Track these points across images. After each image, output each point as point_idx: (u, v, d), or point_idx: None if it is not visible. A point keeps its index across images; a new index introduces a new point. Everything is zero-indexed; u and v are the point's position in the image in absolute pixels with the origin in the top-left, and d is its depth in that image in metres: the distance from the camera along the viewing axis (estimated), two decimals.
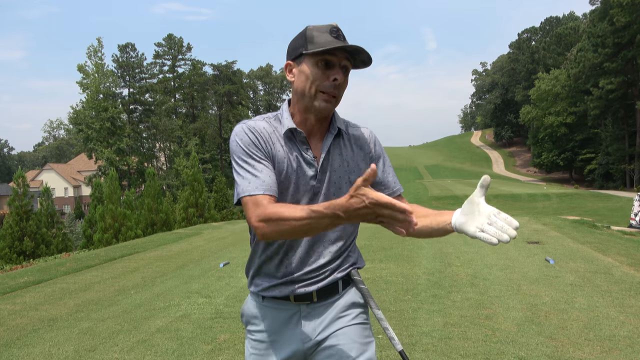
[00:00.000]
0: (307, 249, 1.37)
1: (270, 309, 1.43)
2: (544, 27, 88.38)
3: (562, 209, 26.62)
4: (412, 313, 4.09)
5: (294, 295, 1.37)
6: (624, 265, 5.75)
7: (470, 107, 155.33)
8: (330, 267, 1.39)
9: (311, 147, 1.37)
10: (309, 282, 1.37)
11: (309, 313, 1.40)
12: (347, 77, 1.34)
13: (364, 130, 1.47)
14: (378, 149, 1.47)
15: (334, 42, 1.27)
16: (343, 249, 1.42)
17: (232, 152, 1.34)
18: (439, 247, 7.37)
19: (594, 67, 49.83)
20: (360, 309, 1.45)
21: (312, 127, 1.38)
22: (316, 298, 1.39)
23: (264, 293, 1.41)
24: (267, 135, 1.34)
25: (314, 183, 1.35)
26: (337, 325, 1.40)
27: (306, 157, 1.35)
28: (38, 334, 4.05)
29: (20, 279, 6.52)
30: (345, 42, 1.29)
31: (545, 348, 3.22)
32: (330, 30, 1.29)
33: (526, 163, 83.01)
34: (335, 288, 1.42)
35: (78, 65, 43.76)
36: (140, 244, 9.72)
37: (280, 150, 1.34)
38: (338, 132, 1.40)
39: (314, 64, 1.30)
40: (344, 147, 1.41)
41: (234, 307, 4.53)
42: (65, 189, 65.82)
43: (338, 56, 1.29)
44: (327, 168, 1.37)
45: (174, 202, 28.49)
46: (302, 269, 1.37)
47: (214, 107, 66.42)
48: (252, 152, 1.30)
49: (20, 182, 15.16)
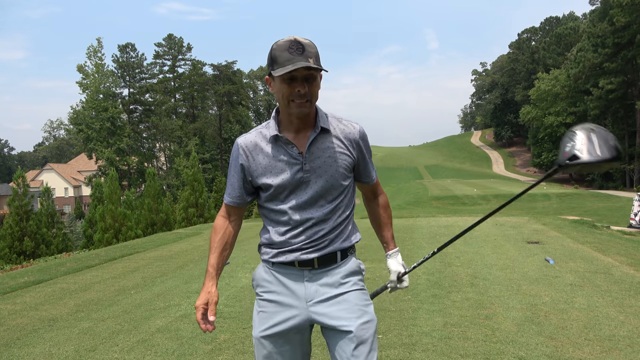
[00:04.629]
0: (309, 224, 1.65)
1: (278, 273, 1.70)
2: (544, 27, 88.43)
3: (562, 209, 26.62)
4: (412, 313, 4.09)
5: (298, 261, 1.65)
6: (623, 265, 5.75)
7: (470, 107, 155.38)
8: (328, 237, 1.66)
9: (297, 144, 1.64)
10: (311, 250, 1.65)
11: (311, 277, 1.67)
12: (314, 82, 1.56)
13: (354, 126, 1.72)
14: (363, 145, 1.73)
15: (292, 59, 1.49)
16: (340, 224, 1.70)
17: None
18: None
19: (594, 67, 49.85)
20: (359, 276, 1.74)
21: (297, 126, 1.64)
22: (317, 264, 1.66)
23: (273, 259, 1.69)
24: (252, 146, 1.67)
25: (301, 174, 1.63)
26: (339, 290, 1.67)
27: (292, 154, 1.63)
28: (38, 334, 4.05)
29: (20, 279, 6.52)
30: (303, 56, 1.50)
31: (545, 348, 3.23)
32: (289, 47, 1.51)
33: (526, 163, 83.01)
34: (334, 257, 1.68)
35: (78, 65, 43.77)
36: (140, 244, 9.72)
37: (266, 155, 1.66)
38: (322, 129, 1.65)
39: (281, 81, 1.54)
40: (329, 141, 1.66)
41: (234, 307, 4.53)
42: (66, 189, 65.84)
43: (299, 71, 1.50)
44: (312, 160, 1.63)
45: (174, 202, 28.52)
46: (304, 240, 1.65)
47: (214, 107, 66.43)
48: (232, 165, 1.73)
49: (20, 182, 15.18)
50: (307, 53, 1.51)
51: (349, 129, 1.70)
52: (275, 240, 1.68)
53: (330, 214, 1.67)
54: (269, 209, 1.70)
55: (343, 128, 1.70)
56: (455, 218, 12.32)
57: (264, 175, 1.65)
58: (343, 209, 1.71)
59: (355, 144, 1.70)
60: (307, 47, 1.52)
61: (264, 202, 1.72)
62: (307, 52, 1.51)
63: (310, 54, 1.51)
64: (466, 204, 33.10)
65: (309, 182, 1.64)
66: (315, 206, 1.65)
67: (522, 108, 69.20)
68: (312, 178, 1.64)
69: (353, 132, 1.70)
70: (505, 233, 8.75)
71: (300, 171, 1.63)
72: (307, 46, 1.52)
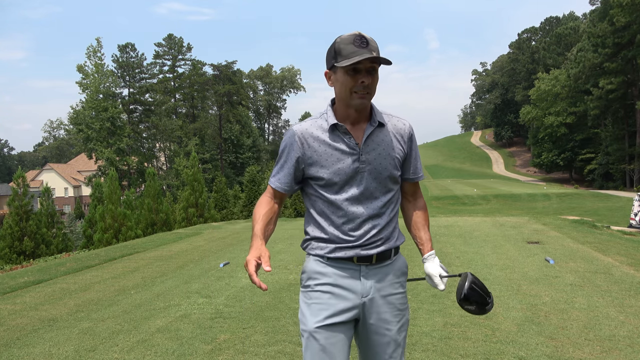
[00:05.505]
0: (365, 217, 1.67)
1: (334, 267, 1.69)
2: (544, 27, 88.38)
3: (562, 209, 26.63)
4: (412, 313, 4.08)
5: (358, 256, 1.67)
6: (623, 265, 5.75)
7: (470, 107, 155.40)
8: (384, 233, 1.71)
9: (354, 135, 1.67)
10: (371, 246, 1.68)
11: (367, 273, 1.69)
12: (375, 75, 1.61)
13: (404, 122, 1.78)
14: (413, 141, 1.79)
15: (357, 52, 1.54)
16: (391, 220, 1.75)
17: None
18: (439, 247, 7.37)
19: (594, 67, 49.80)
20: (405, 277, 1.80)
21: (354, 119, 1.67)
22: (375, 260, 1.69)
23: (331, 254, 1.68)
24: (308, 134, 1.68)
25: (357, 164, 1.66)
26: (390, 290, 1.72)
27: (349, 144, 1.66)
28: (38, 334, 4.05)
29: (20, 279, 6.52)
30: (367, 49, 1.55)
31: (545, 348, 3.23)
32: (354, 40, 1.56)
33: (526, 163, 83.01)
34: (389, 254, 1.73)
35: (77, 65, 43.75)
36: (140, 244, 9.72)
37: (322, 143, 1.67)
38: (379, 123, 1.69)
39: (344, 73, 1.58)
40: (384, 135, 1.71)
41: (234, 307, 4.53)
42: (65, 189, 65.82)
43: (363, 63, 1.55)
44: (368, 152, 1.67)
45: (174, 202, 28.50)
46: (363, 235, 1.67)
47: (214, 107, 66.37)
48: (285, 152, 1.72)
49: (20, 182, 15.17)
50: (371, 47, 1.56)
51: (401, 124, 1.76)
52: (331, 233, 1.68)
53: (384, 209, 1.70)
54: (323, 199, 1.69)
55: (395, 123, 1.75)
56: (455, 218, 12.32)
57: (319, 164, 1.66)
58: (394, 205, 1.75)
59: (408, 138, 1.76)
60: (370, 42, 1.57)
61: (316, 192, 1.71)
62: (370, 45, 1.56)
63: (374, 48, 1.56)
64: (466, 204, 33.12)
65: (364, 174, 1.66)
66: (370, 199, 1.68)
67: (522, 108, 69.13)
68: (367, 170, 1.66)
69: (404, 127, 1.76)
70: (505, 233, 8.75)
71: (356, 161, 1.65)
72: (370, 41, 1.57)
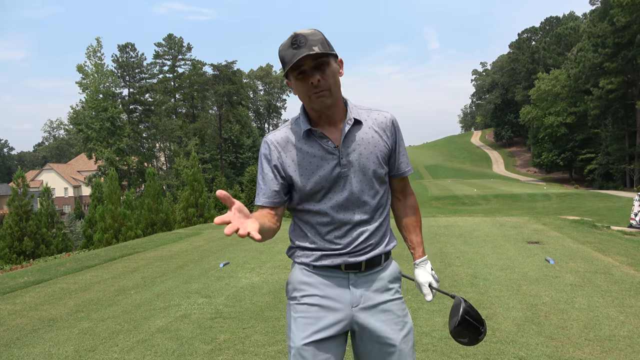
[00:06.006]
0: (353, 224, 1.58)
1: (321, 276, 1.59)
2: (544, 27, 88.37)
3: (562, 209, 26.61)
4: (412, 313, 4.08)
5: (345, 264, 1.57)
6: (624, 265, 5.75)
7: (470, 107, 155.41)
8: (374, 239, 1.61)
9: (331, 138, 1.56)
10: (359, 253, 1.58)
11: (356, 281, 1.59)
12: (326, 69, 1.47)
13: (386, 115, 1.66)
14: (397, 133, 1.67)
15: (296, 54, 1.42)
16: (381, 224, 1.64)
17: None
18: (439, 247, 7.37)
19: (594, 67, 49.80)
20: (399, 282, 1.70)
21: (328, 120, 1.56)
22: (364, 267, 1.59)
23: (316, 262, 1.58)
24: (283, 143, 1.58)
25: (339, 169, 1.55)
26: (383, 297, 1.61)
27: (327, 148, 1.55)
28: (38, 334, 4.05)
29: (20, 279, 6.52)
30: (306, 47, 1.43)
31: (545, 348, 3.22)
32: (292, 44, 1.44)
33: (526, 163, 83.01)
34: (379, 260, 1.63)
35: (77, 65, 43.67)
36: (140, 244, 9.72)
37: (299, 151, 1.56)
38: (355, 121, 1.58)
39: (294, 79, 1.49)
40: (364, 132, 1.59)
41: (234, 307, 4.53)
42: (65, 189, 65.81)
43: (306, 63, 1.45)
44: (349, 153, 1.56)
45: (174, 202, 28.50)
46: (351, 242, 1.58)
47: (214, 107, 66.34)
48: (263, 163, 1.60)
49: (20, 182, 15.16)
50: (311, 42, 1.43)
51: (382, 117, 1.63)
52: (317, 242, 1.58)
53: (372, 213, 1.60)
54: (306, 210, 1.59)
55: (375, 117, 1.62)
56: (455, 218, 12.32)
57: (298, 173, 1.55)
58: (383, 207, 1.64)
59: (390, 131, 1.63)
60: (309, 37, 1.44)
61: (298, 203, 1.61)
62: (310, 41, 1.43)
63: (314, 42, 1.43)
64: (466, 204, 33.10)
65: (347, 177, 1.55)
66: (356, 204, 1.57)
67: (522, 108, 69.11)
68: (351, 173, 1.55)
69: (385, 120, 1.63)
70: (505, 233, 8.75)
71: (337, 166, 1.54)
72: (309, 35, 1.44)
